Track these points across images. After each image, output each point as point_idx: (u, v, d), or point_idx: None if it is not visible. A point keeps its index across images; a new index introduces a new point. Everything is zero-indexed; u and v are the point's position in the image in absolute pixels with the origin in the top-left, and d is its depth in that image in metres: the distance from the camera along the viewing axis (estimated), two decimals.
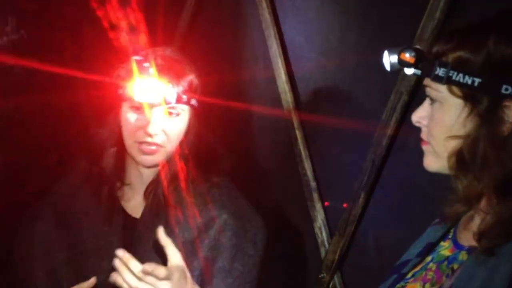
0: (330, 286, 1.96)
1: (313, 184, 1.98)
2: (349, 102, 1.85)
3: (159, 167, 1.36)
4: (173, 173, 1.34)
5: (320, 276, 1.95)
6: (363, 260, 1.87)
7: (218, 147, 1.43)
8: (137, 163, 1.35)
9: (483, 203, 0.96)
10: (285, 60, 2.02)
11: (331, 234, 1.95)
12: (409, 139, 1.56)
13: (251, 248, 1.39)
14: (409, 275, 1.06)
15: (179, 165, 1.34)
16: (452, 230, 1.05)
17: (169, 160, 1.35)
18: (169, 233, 1.28)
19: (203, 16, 2.32)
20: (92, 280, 1.28)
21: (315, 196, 1.98)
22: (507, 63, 0.92)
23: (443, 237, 1.06)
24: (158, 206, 1.34)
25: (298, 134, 2.00)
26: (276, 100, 2.04)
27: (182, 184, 1.34)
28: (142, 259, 1.24)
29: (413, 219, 1.65)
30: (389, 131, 1.69)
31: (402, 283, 1.06)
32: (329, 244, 1.94)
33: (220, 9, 2.28)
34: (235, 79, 2.22)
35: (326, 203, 1.67)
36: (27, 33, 1.92)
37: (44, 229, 1.39)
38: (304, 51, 1.98)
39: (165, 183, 1.34)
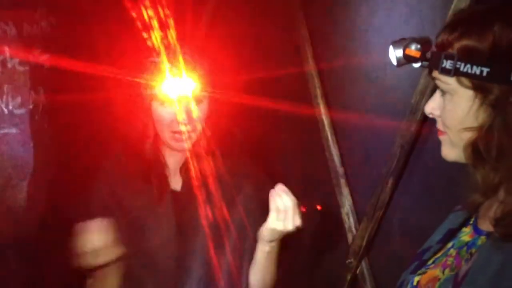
0: (358, 271, 1.95)
1: (340, 170, 1.97)
2: (377, 86, 1.83)
3: (192, 147, 1.55)
4: (202, 151, 1.53)
5: (347, 262, 1.95)
6: (391, 245, 1.86)
7: (234, 129, 1.60)
8: (171, 148, 1.54)
9: (501, 192, 0.95)
10: (312, 45, 2.00)
11: (358, 220, 1.94)
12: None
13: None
14: (430, 262, 1.06)
15: (206, 144, 1.53)
16: (473, 216, 1.04)
17: (197, 142, 1.54)
18: (208, 199, 1.50)
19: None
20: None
21: (342, 182, 1.97)
22: None
23: (465, 223, 1.05)
24: (194, 180, 1.52)
25: (325, 119, 1.99)
26: (304, 86, 2.03)
27: (210, 160, 1.53)
28: (187, 225, 1.50)
29: (441, 205, 1.62)
30: (419, 116, 1.66)
31: (423, 269, 1.06)
32: (356, 229, 1.93)
33: None
34: (261, 67, 2.21)
35: None
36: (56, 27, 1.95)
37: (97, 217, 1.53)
38: (331, 35, 1.96)
39: (196, 161, 1.53)
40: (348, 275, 1.97)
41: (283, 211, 1.45)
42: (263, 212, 1.52)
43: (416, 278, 1.05)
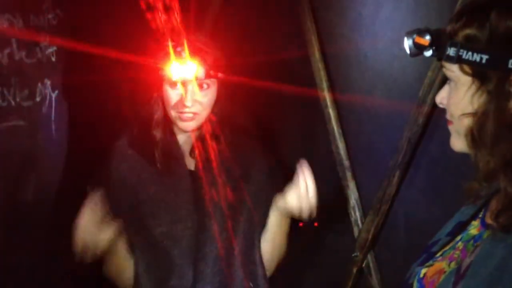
0: (364, 264, 1.95)
1: (346, 163, 1.97)
2: (383, 79, 1.82)
3: (199, 130, 1.66)
4: (212, 132, 1.64)
5: (353, 255, 1.95)
6: (397, 239, 1.86)
7: (241, 114, 1.72)
8: (179, 128, 1.65)
9: (501, 182, 0.95)
10: (319, 37, 1.99)
11: (364, 213, 1.94)
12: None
13: (281, 181, 1.69)
14: (438, 254, 1.07)
15: (215, 126, 1.64)
16: (483, 209, 1.04)
17: (206, 123, 1.64)
18: (219, 175, 1.63)
19: None
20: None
21: (349, 175, 1.97)
22: (511, 37, 0.91)
23: (475, 217, 1.06)
24: (206, 159, 1.65)
25: (332, 112, 1.98)
26: (310, 78, 2.02)
27: (221, 140, 1.64)
28: (203, 200, 1.61)
29: (448, 198, 1.62)
30: (426, 109, 1.65)
31: (431, 262, 1.06)
32: (362, 223, 1.93)
33: None
34: (267, 57, 2.21)
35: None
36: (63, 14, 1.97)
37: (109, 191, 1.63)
38: (338, 27, 1.95)
39: (205, 141, 1.64)
40: (354, 269, 1.97)
41: (305, 197, 1.53)
42: (273, 182, 1.67)
43: (423, 270, 1.05)
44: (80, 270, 1.61)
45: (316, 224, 1.64)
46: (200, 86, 1.59)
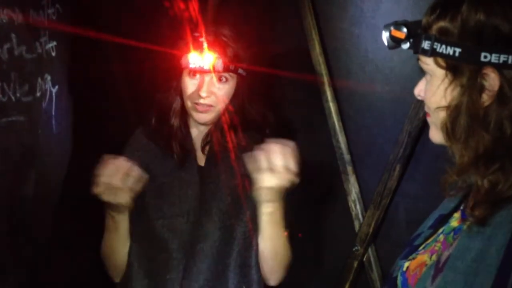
0: (364, 259, 1.95)
1: (347, 157, 1.97)
2: (384, 73, 1.82)
3: (214, 124, 1.65)
4: (226, 128, 1.64)
5: (354, 249, 1.95)
6: (398, 233, 1.86)
7: (258, 112, 1.71)
8: (194, 120, 1.65)
9: (472, 176, 0.96)
10: (319, 31, 1.99)
11: (365, 207, 1.94)
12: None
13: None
14: (421, 247, 1.07)
15: (229, 122, 1.63)
16: (464, 202, 1.05)
17: (221, 118, 1.64)
18: (228, 172, 1.62)
19: None
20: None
21: (349, 169, 1.97)
22: (482, 29, 0.91)
23: (456, 209, 1.06)
24: (217, 155, 1.64)
25: (332, 106, 1.98)
26: (310, 73, 2.02)
27: (234, 137, 1.64)
28: (208, 196, 1.61)
29: None
30: None
31: (413, 255, 1.07)
32: (363, 217, 1.93)
33: None
34: (268, 51, 2.20)
35: None
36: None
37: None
38: (338, 21, 1.95)
39: (218, 136, 1.64)
40: (355, 263, 1.97)
41: (270, 169, 1.45)
42: None
43: (406, 264, 1.06)
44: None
45: (300, 235, 1.64)
46: (219, 79, 1.60)
